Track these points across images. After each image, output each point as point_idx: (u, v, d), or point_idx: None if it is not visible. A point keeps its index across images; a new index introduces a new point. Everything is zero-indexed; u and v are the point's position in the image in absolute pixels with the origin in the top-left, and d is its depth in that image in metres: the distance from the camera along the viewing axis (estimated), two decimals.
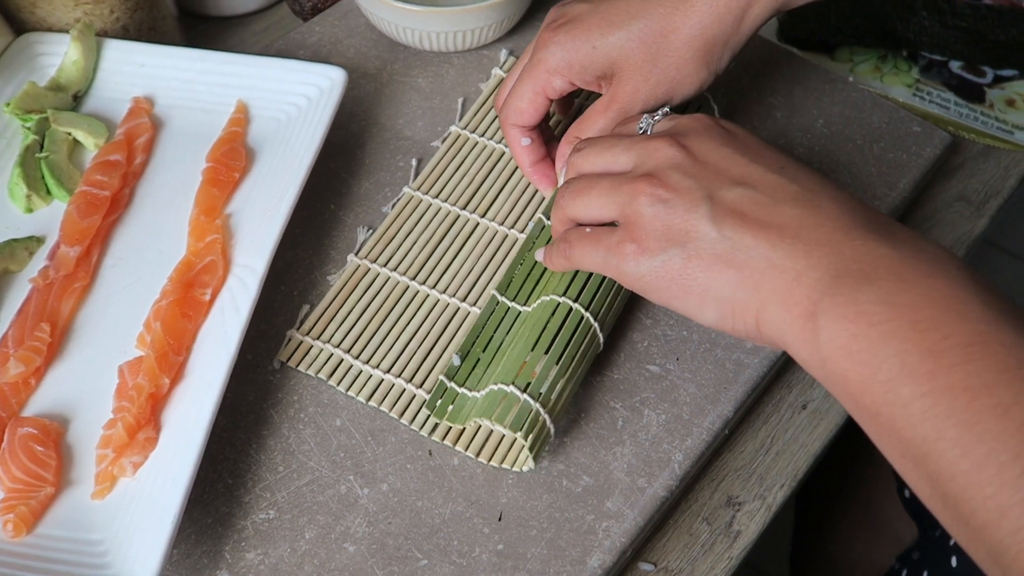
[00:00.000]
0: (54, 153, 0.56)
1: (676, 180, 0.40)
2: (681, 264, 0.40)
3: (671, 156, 0.41)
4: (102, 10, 0.61)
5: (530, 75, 0.52)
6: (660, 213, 0.40)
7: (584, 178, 0.45)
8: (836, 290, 0.36)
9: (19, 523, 0.43)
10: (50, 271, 0.51)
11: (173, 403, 0.47)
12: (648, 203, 0.41)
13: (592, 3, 0.50)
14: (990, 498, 0.31)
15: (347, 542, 0.45)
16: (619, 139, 0.45)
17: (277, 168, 0.55)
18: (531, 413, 0.45)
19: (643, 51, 0.49)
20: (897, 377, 0.34)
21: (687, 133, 0.42)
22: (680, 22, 0.48)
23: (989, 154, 0.66)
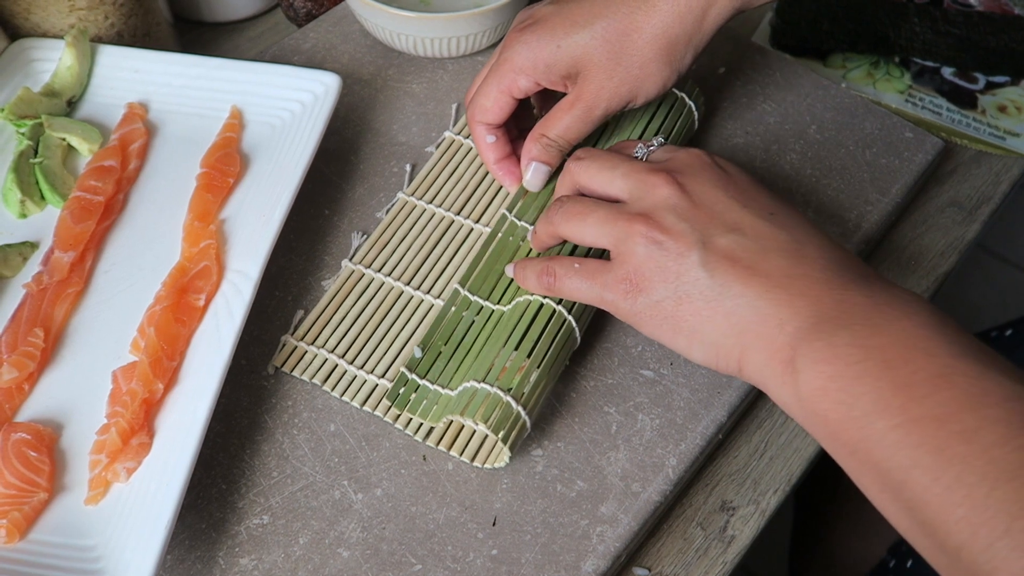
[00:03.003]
0: (48, 159, 0.56)
1: (671, 223, 0.42)
2: (673, 306, 0.42)
3: (667, 196, 0.43)
4: (96, 16, 0.61)
5: (496, 74, 0.52)
6: (655, 255, 0.42)
7: (580, 202, 0.46)
8: (814, 336, 0.38)
9: (12, 529, 0.43)
10: (44, 276, 0.51)
11: (167, 408, 0.47)
12: (643, 244, 0.42)
13: (557, 4, 0.51)
14: (962, 519, 0.33)
15: (341, 547, 0.45)
16: (619, 162, 0.46)
17: (271, 174, 0.55)
18: (501, 406, 0.45)
19: (606, 50, 0.50)
20: (872, 412, 0.36)
21: (684, 171, 0.44)
22: (643, 21, 0.49)
23: (981, 160, 0.66)
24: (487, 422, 0.45)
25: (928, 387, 0.35)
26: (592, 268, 0.45)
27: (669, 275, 0.42)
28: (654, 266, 0.42)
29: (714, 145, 0.61)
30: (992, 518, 0.32)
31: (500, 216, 0.55)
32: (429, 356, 0.49)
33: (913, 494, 0.35)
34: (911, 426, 0.35)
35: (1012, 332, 0.71)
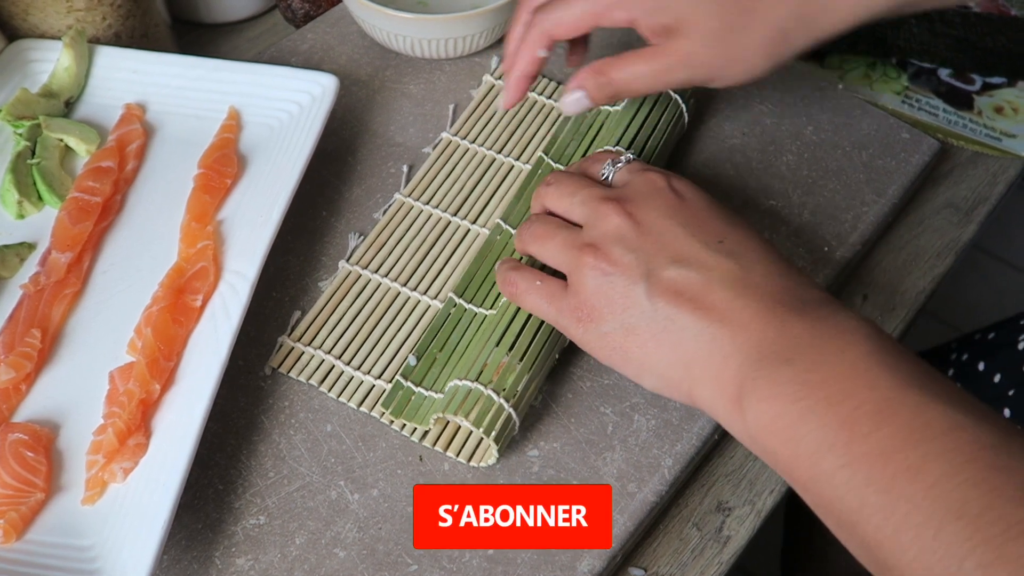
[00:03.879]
0: (46, 159, 0.56)
1: (618, 254, 0.42)
2: (621, 338, 0.42)
3: (617, 226, 0.43)
4: (94, 17, 0.61)
5: None
6: (603, 287, 0.42)
7: (545, 224, 0.47)
8: (758, 373, 0.38)
9: (9, 529, 0.43)
10: (41, 277, 0.51)
11: (164, 409, 0.47)
12: (592, 276, 0.43)
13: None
14: (914, 559, 0.33)
15: (337, 547, 0.45)
16: (579, 188, 0.46)
17: (269, 175, 0.55)
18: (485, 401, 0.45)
19: (719, 19, 0.47)
20: (818, 451, 0.36)
21: (636, 199, 0.44)
22: (766, 6, 0.47)
23: (978, 161, 0.66)
24: (471, 417, 0.45)
25: (871, 423, 0.35)
26: (550, 290, 0.45)
27: (616, 307, 0.42)
28: (603, 298, 0.42)
29: (711, 146, 0.61)
30: (942, 559, 0.32)
31: (495, 225, 0.55)
32: (424, 364, 0.49)
33: (866, 534, 0.35)
34: (857, 465, 0.35)
35: (995, 335, 0.71)
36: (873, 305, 0.58)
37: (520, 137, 0.61)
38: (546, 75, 0.65)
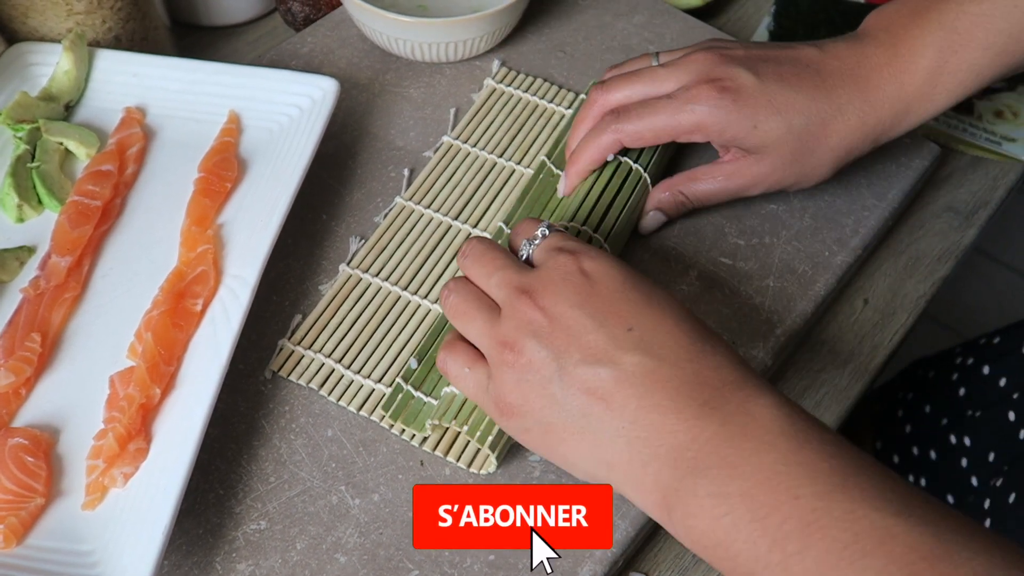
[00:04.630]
0: (45, 163, 0.56)
1: (532, 351, 0.41)
2: (541, 434, 0.42)
3: (530, 320, 0.42)
4: (94, 20, 0.61)
5: (676, 115, 0.51)
6: (520, 385, 0.42)
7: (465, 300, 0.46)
8: (679, 484, 0.37)
9: (9, 534, 0.43)
10: (41, 281, 0.51)
11: (164, 413, 0.47)
12: (509, 373, 0.42)
13: (759, 78, 0.50)
14: None
15: (338, 552, 0.45)
16: (495, 268, 0.45)
17: (269, 178, 0.55)
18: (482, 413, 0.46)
19: (794, 147, 0.51)
20: (756, 569, 0.35)
21: (546, 289, 0.42)
22: (834, 130, 0.51)
23: (978, 165, 0.66)
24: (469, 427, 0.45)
25: (800, 540, 0.34)
26: (476, 380, 0.44)
27: (534, 405, 0.41)
28: (520, 396, 0.42)
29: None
30: None
31: (497, 228, 0.55)
32: (424, 367, 0.49)
33: None
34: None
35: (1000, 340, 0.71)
36: (874, 309, 0.58)
37: (521, 141, 0.61)
38: (551, 80, 0.65)
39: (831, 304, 0.58)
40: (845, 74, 0.51)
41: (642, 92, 0.53)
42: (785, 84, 0.50)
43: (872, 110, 0.51)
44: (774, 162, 0.51)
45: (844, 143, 0.51)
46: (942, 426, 0.71)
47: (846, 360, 0.56)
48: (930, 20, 0.51)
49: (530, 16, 0.68)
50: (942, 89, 0.51)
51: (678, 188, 0.54)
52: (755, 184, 0.53)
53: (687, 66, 0.52)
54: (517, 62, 0.66)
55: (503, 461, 0.47)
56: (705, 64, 0.51)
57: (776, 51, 0.52)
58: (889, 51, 0.51)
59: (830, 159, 0.52)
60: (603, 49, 0.67)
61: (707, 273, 0.55)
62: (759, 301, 0.54)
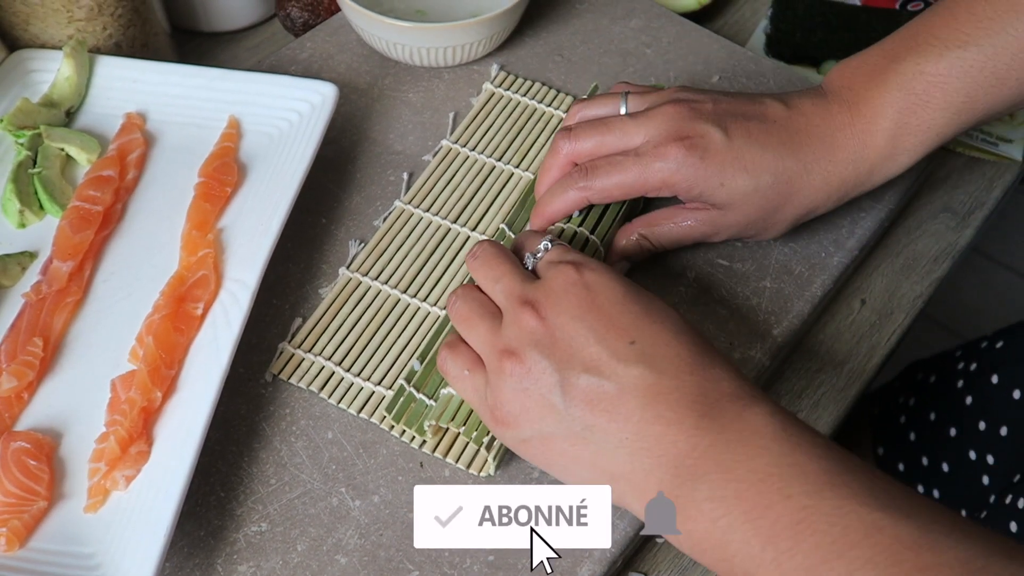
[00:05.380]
0: (47, 169, 0.57)
1: (533, 360, 0.42)
2: (540, 445, 0.42)
3: (532, 330, 0.42)
4: (95, 27, 0.61)
5: (643, 172, 0.51)
6: (519, 395, 0.42)
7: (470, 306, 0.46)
8: (678, 491, 0.39)
9: (12, 537, 0.43)
10: (43, 286, 0.52)
11: (165, 417, 0.47)
12: (509, 382, 0.42)
13: (726, 136, 0.50)
14: None
15: (339, 554, 0.45)
16: (502, 274, 0.46)
17: (269, 183, 0.55)
18: None
19: (761, 204, 0.51)
20: (749, 568, 0.37)
21: (548, 301, 0.43)
22: (799, 189, 0.51)
23: (974, 166, 0.67)
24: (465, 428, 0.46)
25: (791, 537, 0.35)
26: (474, 384, 0.45)
27: (533, 415, 0.42)
28: (519, 405, 0.42)
29: None
30: None
31: (499, 230, 0.55)
32: (427, 369, 0.50)
33: None
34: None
35: (1004, 344, 0.71)
36: (871, 310, 0.58)
37: (520, 145, 0.62)
38: (548, 83, 0.65)
39: (828, 305, 0.58)
40: (811, 132, 0.51)
41: (610, 143, 0.52)
42: (753, 142, 0.50)
43: (836, 170, 0.51)
44: (738, 216, 0.52)
45: (807, 202, 0.52)
46: (952, 437, 0.71)
47: (843, 361, 0.56)
48: (888, 82, 0.51)
49: (528, 20, 0.69)
50: (903, 149, 0.51)
51: (640, 231, 0.54)
52: (718, 233, 0.53)
53: (656, 120, 0.51)
54: (515, 66, 0.67)
55: (503, 463, 0.48)
56: (674, 119, 0.51)
57: (744, 106, 0.52)
58: (852, 111, 0.51)
59: (792, 216, 0.52)
60: (600, 53, 0.68)
61: (704, 275, 0.55)
62: (756, 302, 0.54)
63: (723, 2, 0.77)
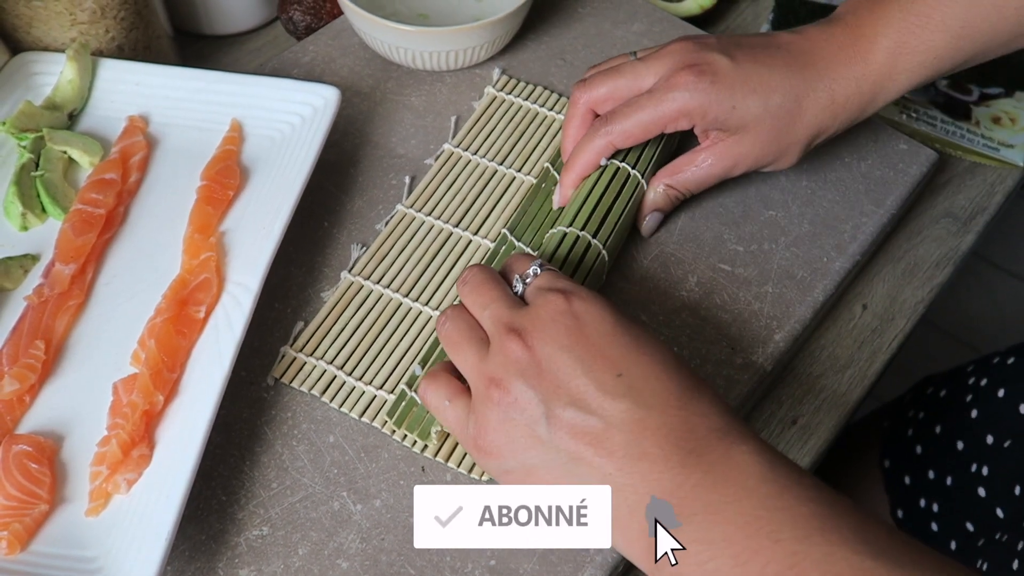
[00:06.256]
0: (49, 171, 0.57)
1: (519, 391, 0.41)
2: (524, 476, 0.42)
3: (518, 359, 0.42)
4: (98, 30, 0.61)
5: (657, 107, 0.52)
6: (504, 425, 0.42)
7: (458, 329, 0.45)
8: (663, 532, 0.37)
9: (13, 540, 0.43)
10: (45, 289, 0.52)
11: (167, 420, 0.47)
12: (494, 411, 0.42)
13: (733, 60, 0.52)
14: None
15: (340, 558, 0.45)
16: (490, 300, 0.45)
17: (271, 186, 0.55)
18: None
19: (773, 125, 0.53)
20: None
21: (536, 330, 0.42)
22: (808, 107, 0.53)
23: (975, 171, 0.67)
24: None
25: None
26: (456, 414, 0.44)
27: (517, 447, 0.41)
28: (504, 436, 0.41)
29: None
30: None
31: (501, 235, 0.55)
32: None
33: None
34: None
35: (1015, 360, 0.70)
36: (872, 315, 0.58)
37: (522, 149, 0.62)
38: (550, 87, 0.65)
39: (830, 310, 0.58)
40: (815, 53, 0.53)
41: (624, 86, 0.54)
42: (759, 64, 0.52)
43: (840, 87, 0.53)
44: (754, 141, 0.53)
45: (816, 120, 0.53)
46: (959, 451, 0.70)
47: (845, 366, 0.56)
48: (890, 3, 0.54)
49: (530, 24, 0.69)
50: (903, 68, 0.53)
51: (666, 183, 0.56)
52: (737, 164, 0.54)
53: (664, 57, 0.54)
54: (517, 70, 0.67)
55: None
56: (681, 53, 0.53)
57: (750, 37, 0.55)
58: (854, 32, 0.54)
59: (803, 136, 0.54)
60: (602, 57, 0.68)
61: (706, 279, 0.55)
62: (758, 307, 0.54)
63: (725, 6, 0.77)
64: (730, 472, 0.38)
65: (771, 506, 0.36)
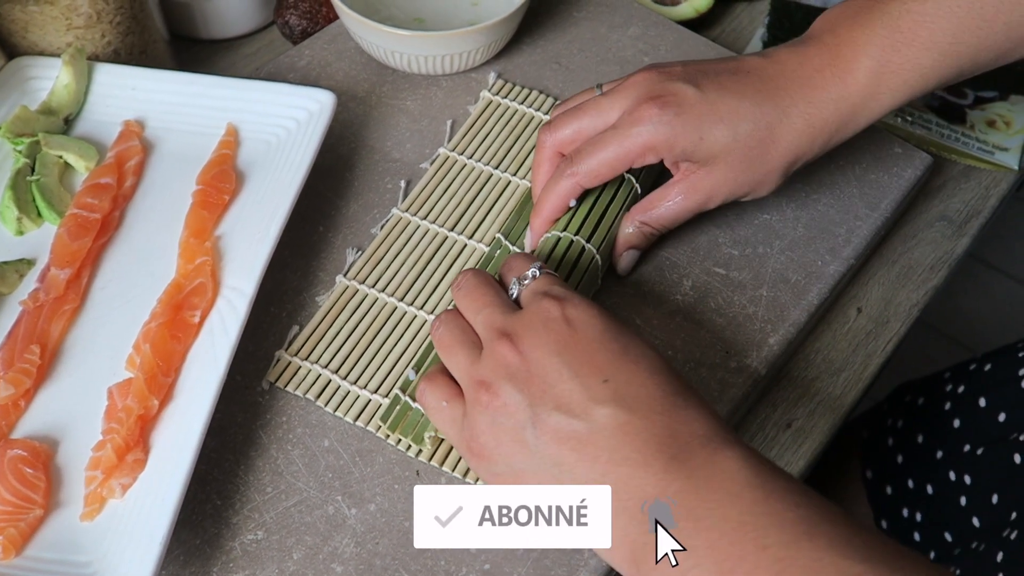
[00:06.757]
0: (45, 176, 0.57)
1: (507, 394, 0.41)
2: (512, 479, 0.42)
3: (508, 364, 0.42)
4: (93, 34, 0.61)
5: (624, 142, 0.51)
6: (492, 428, 0.42)
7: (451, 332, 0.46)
8: (646, 538, 0.37)
9: (8, 545, 0.43)
10: (40, 293, 0.52)
11: (162, 425, 0.47)
12: (483, 415, 0.42)
13: (699, 89, 0.50)
14: None
15: (335, 563, 0.45)
16: (484, 304, 0.45)
17: (267, 190, 0.55)
18: None
19: (743, 154, 0.51)
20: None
21: (526, 333, 0.42)
22: (780, 134, 0.51)
23: (970, 174, 0.67)
24: None
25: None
26: (451, 415, 0.44)
27: (505, 451, 0.41)
28: (492, 438, 0.42)
29: None
30: None
31: (495, 239, 0.55)
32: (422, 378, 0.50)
33: None
34: None
35: (992, 366, 0.70)
36: (867, 318, 0.58)
37: (518, 153, 0.62)
38: (545, 91, 0.66)
39: (824, 313, 0.58)
40: (788, 77, 0.51)
41: (588, 125, 0.53)
42: (727, 92, 0.50)
43: (817, 111, 0.51)
44: (725, 172, 0.51)
45: (792, 147, 0.51)
46: (938, 459, 0.70)
47: (839, 369, 0.56)
48: (872, 20, 0.51)
49: (526, 28, 0.69)
50: (886, 88, 0.51)
51: (638, 219, 0.54)
52: (711, 197, 0.52)
53: (627, 90, 0.52)
54: (513, 74, 0.67)
55: None
56: (644, 84, 0.51)
57: (716, 64, 0.52)
58: (832, 52, 0.51)
59: (779, 164, 0.52)
60: (598, 61, 0.68)
61: (701, 283, 0.56)
62: (753, 311, 0.54)
63: (720, 10, 0.77)
64: (714, 478, 0.38)
65: (757, 511, 0.36)
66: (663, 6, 0.73)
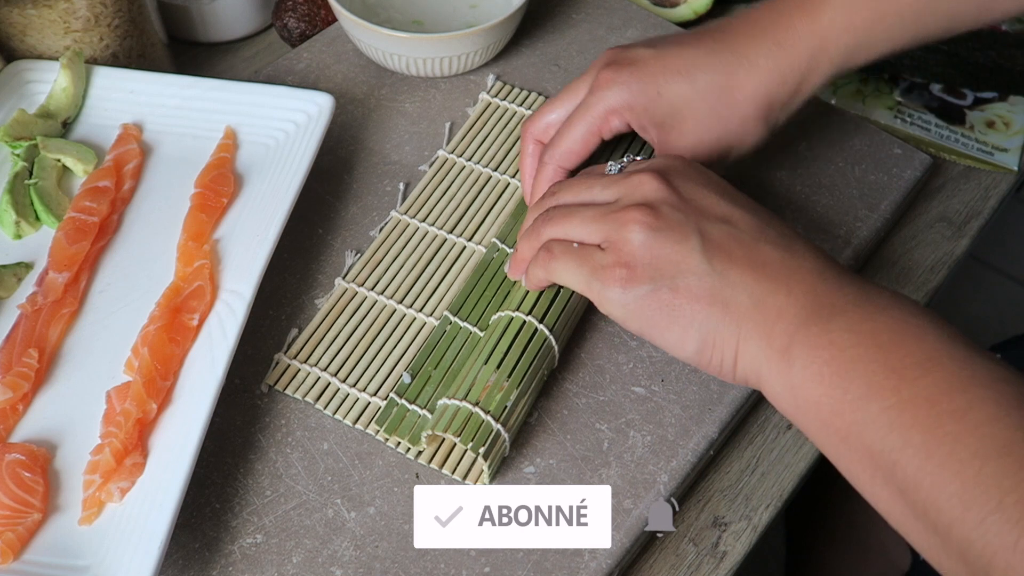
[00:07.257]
0: (43, 180, 0.57)
1: (667, 212, 0.42)
2: (669, 295, 0.42)
3: (658, 189, 0.43)
4: (91, 38, 0.61)
5: (586, 114, 0.51)
6: (651, 243, 0.42)
7: (564, 206, 0.46)
8: (810, 324, 0.39)
9: (6, 549, 0.43)
10: (38, 297, 0.52)
11: (160, 428, 0.47)
12: (639, 231, 0.42)
13: (655, 48, 0.51)
14: (954, 495, 0.34)
15: (334, 566, 0.45)
16: (597, 178, 0.46)
17: (265, 193, 0.55)
18: (476, 422, 0.46)
19: (707, 104, 0.50)
20: (865, 395, 0.37)
21: (669, 171, 0.44)
22: (744, 79, 0.50)
23: (970, 175, 0.67)
24: (461, 436, 0.45)
25: (919, 370, 0.36)
26: (587, 250, 0.44)
27: (668, 263, 0.42)
28: (652, 254, 0.42)
29: None
30: (983, 493, 0.33)
31: (491, 243, 0.55)
32: (418, 382, 0.50)
33: (905, 475, 0.35)
34: (903, 407, 0.36)
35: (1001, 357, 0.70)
36: None
37: (516, 154, 0.62)
38: (544, 93, 0.66)
39: None
40: (750, 25, 0.50)
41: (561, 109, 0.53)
42: (683, 46, 0.51)
43: (784, 52, 0.49)
44: (695, 127, 0.50)
45: (761, 90, 0.50)
46: None
47: None
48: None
49: (524, 30, 0.69)
50: (859, 19, 0.49)
51: None
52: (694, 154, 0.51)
53: (590, 69, 0.53)
54: (512, 76, 0.67)
55: (498, 473, 0.48)
56: (604, 57, 0.52)
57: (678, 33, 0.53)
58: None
59: (752, 111, 0.50)
60: None
61: None
62: None
63: (719, 12, 0.77)
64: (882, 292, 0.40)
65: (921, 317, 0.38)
66: (661, 8, 0.73)
